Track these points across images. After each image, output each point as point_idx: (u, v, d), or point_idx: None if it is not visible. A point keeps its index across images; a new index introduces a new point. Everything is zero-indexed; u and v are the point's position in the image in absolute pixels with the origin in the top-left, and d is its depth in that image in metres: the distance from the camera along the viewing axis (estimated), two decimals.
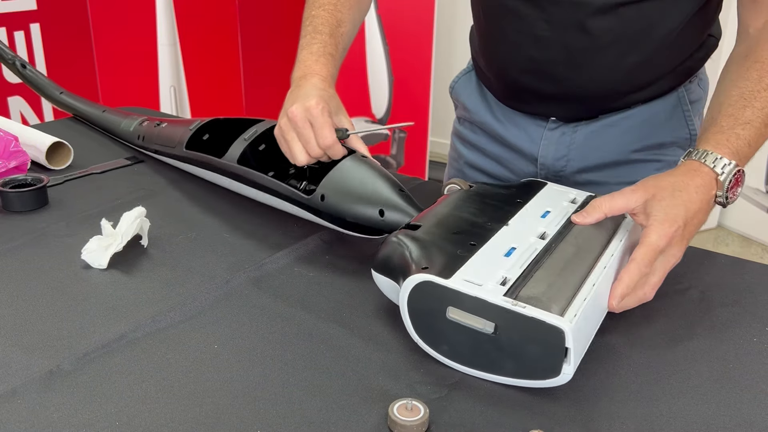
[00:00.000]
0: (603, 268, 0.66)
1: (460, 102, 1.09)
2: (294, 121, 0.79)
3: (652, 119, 0.94)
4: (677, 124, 0.95)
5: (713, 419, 0.57)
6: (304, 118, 0.79)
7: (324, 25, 0.90)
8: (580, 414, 0.57)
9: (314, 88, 0.81)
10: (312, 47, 0.88)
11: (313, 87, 0.82)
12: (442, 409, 0.57)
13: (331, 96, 0.83)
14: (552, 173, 0.99)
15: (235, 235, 0.87)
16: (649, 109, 0.94)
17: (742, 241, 2.81)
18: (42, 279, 0.76)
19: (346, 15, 0.92)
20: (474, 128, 1.07)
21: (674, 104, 0.94)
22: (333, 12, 0.91)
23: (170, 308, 0.71)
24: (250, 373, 0.61)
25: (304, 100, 0.79)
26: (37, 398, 0.58)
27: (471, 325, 0.59)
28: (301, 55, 0.88)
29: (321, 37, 0.88)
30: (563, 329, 0.55)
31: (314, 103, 0.79)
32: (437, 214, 0.73)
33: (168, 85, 2.65)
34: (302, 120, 0.79)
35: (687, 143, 0.97)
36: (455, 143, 1.13)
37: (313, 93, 0.80)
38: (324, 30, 0.89)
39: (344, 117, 0.83)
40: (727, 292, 0.76)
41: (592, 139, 0.96)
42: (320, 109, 0.79)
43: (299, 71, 0.86)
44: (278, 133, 0.83)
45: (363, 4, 0.98)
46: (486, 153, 1.06)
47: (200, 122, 1.02)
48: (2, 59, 1.36)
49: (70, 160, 1.10)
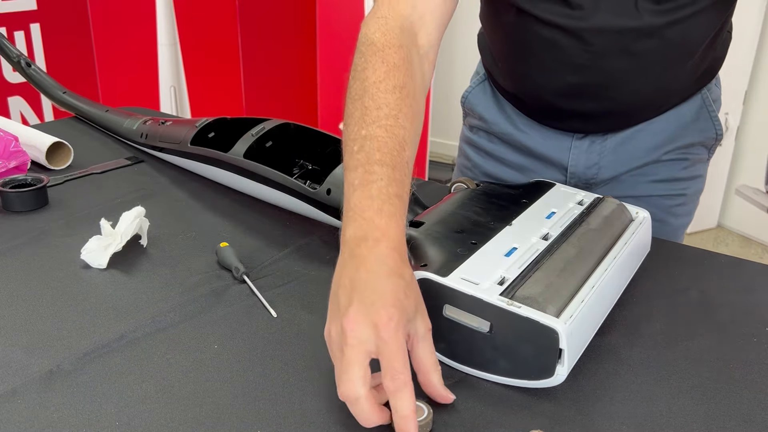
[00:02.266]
0: (604, 271, 0.66)
1: (476, 113, 1.05)
2: (347, 339, 0.51)
3: (680, 121, 0.94)
4: (704, 125, 0.95)
5: (713, 419, 0.57)
6: (363, 339, 0.51)
7: (383, 151, 0.61)
8: (579, 414, 0.57)
9: (383, 273, 0.53)
10: (370, 186, 0.58)
11: (382, 267, 0.54)
12: (442, 409, 0.57)
13: (408, 284, 0.55)
14: (582, 181, 0.98)
15: (235, 235, 0.87)
16: (677, 112, 0.93)
17: (742, 241, 2.81)
18: (42, 279, 0.76)
19: (409, 132, 0.64)
20: (491, 138, 1.04)
21: (699, 105, 0.94)
22: (392, 130, 0.63)
23: (170, 308, 0.71)
24: (250, 373, 0.61)
25: (371, 306, 0.52)
26: (37, 398, 0.58)
27: (467, 324, 0.59)
28: (354, 200, 0.58)
29: (382, 170, 0.59)
30: (557, 330, 0.55)
31: (385, 319, 0.51)
32: (441, 212, 0.73)
33: (168, 85, 2.65)
34: (357, 342, 0.51)
35: (713, 141, 0.98)
36: (467, 151, 1.08)
37: (386, 289, 0.53)
38: (385, 161, 0.60)
39: (421, 316, 0.55)
40: (727, 292, 0.76)
41: (622, 145, 0.94)
42: (393, 329, 0.51)
43: (353, 227, 0.57)
44: (329, 341, 0.55)
45: (422, 112, 0.70)
46: (506, 162, 1.03)
47: (206, 120, 1.02)
48: (7, 57, 1.36)
49: (70, 160, 1.10)
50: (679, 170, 0.97)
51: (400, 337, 0.51)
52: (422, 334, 0.54)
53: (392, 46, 0.69)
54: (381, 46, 0.69)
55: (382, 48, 0.69)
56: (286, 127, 0.96)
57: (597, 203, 0.78)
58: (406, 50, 0.70)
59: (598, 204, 0.78)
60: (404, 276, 0.55)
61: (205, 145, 0.99)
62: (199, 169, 1.01)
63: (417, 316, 0.55)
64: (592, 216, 0.75)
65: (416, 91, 0.69)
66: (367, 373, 0.51)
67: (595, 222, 0.73)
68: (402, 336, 0.52)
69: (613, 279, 0.68)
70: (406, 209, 0.60)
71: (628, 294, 0.74)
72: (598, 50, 0.84)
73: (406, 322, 0.53)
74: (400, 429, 0.50)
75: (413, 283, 0.56)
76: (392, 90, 0.65)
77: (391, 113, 0.64)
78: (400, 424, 0.50)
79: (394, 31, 0.71)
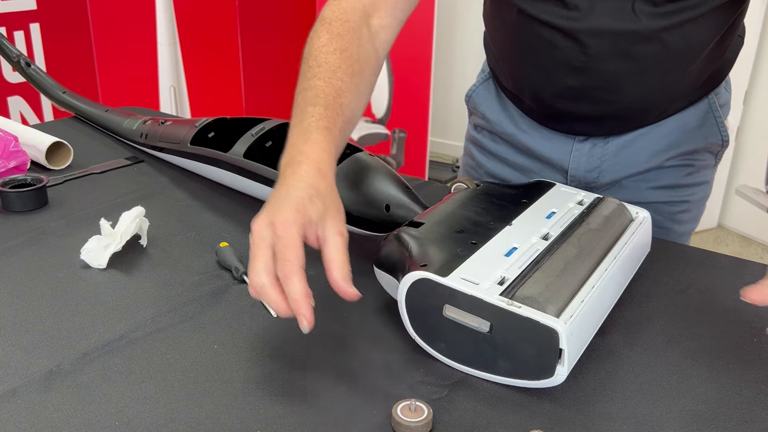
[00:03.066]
0: (604, 271, 0.66)
1: (479, 111, 1.05)
2: (253, 238, 0.60)
3: (684, 126, 0.93)
4: (709, 131, 0.94)
5: (713, 419, 0.57)
6: (264, 236, 0.59)
7: (318, 96, 0.71)
8: (579, 414, 0.57)
9: (299, 185, 0.62)
10: (303, 123, 0.69)
11: (299, 182, 0.62)
12: (442, 409, 0.57)
13: (319, 193, 0.62)
14: (583, 185, 0.97)
15: (235, 235, 0.87)
16: (681, 117, 0.92)
17: (742, 241, 2.81)
18: (42, 279, 0.76)
19: (347, 83, 0.74)
20: (495, 137, 1.04)
21: (705, 110, 0.93)
22: (329, 81, 0.73)
23: (170, 308, 0.71)
24: (250, 373, 0.61)
25: (276, 210, 0.60)
26: (37, 398, 0.58)
27: (467, 324, 0.59)
28: (290, 136, 0.70)
29: (314, 109, 0.70)
30: (557, 330, 0.55)
31: (281, 218, 0.59)
32: (441, 213, 0.73)
33: (168, 85, 2.65)
34: (260, 239, 0.59)
35: (718, 148, 0.96)
36: (472, 151, 1.09)
37: (292, 196, 0.61)
38: (318, 102, 0.71)
39: (331, 221, 0.61)
40: (727, 292, 0.76)
41: (624, 149, 0.94)
42: (287, 226, 0.58)
43: (286, 156, 0.67)
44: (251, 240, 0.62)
45: (368, 75, 0.79)
46: (509, 163, 1.03)
47: (206, 120, 1.02)
48: (7, 57, 1.36)
49: (69, 160, 1.10)
50: (682, 176, 0.96)
51: (293, 233, 0.58)
52: (330, 236, 0.60)
53: (338, 20, 0.78)
54: (329, 20, 0.78)
55: (330, 21, 0.78)
56: (286, 127, 0.96)
57: (597, 203, 0.78)
58: (354, 24, 0.79)
59: (599, 204, 0.78)
60: (318, 187, 0.62)
61: (204, 145, 0.99)
62: (199, 169, 1.01)
63: (326, 220, 0.60)
64: (593, 216, 0.75)
65: (361, 57, 0.77)
66: (270, 265, 0.58)
67: (595, 222, 0.73)
68: (296, 232, 0.58)
69: (613, 279, 0.68)
70: (335, 139, 0.69)
71: (628, 294, 0.74)
72: (594, 52, 0.83)
73: (304, 222, 0.59)
74: (294, 310, 0.56)
75: (329, 193, 0.63)
76: (333, 52, 0.75)
77: (330, 69, 0.74)
78: (293, 306, 0.56)
79: (344, 10, 0.79)
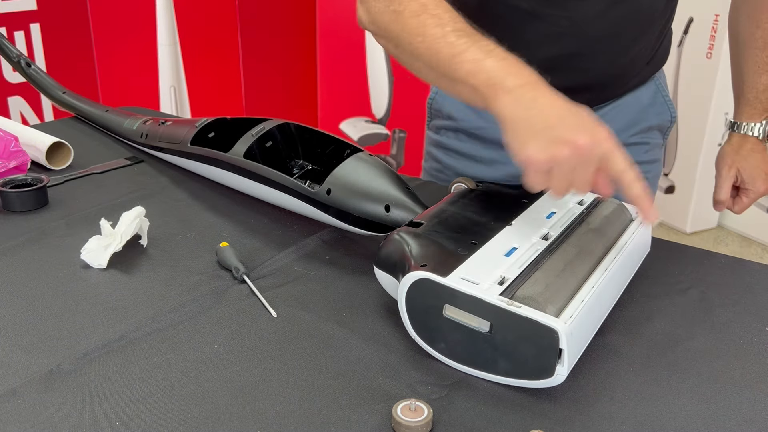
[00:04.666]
0: (604, 271, 0.66)
1: (443, 112, 1.07)
2: (584, 155, 0.61)
3: (639, 103, 1.01)
4: (660, 109, 1.04)
5: (713, 419, 0.57)
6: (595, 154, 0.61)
7: (462, 23, 0.71)
8: (579, 414, 0.57)
9: (570, 104, 0.64)
10: (482, 45, 0.68)
11: (566, 101, 0.64)
12: (442, 409, 0.57)
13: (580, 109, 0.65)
14: None
15: (235, 235, 0.87)
16: (634, 97, 1.01)
17: (742, 241, 2.80)
18: (42, 279, 0.76)
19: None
20: (459, 135, 1.05)
21: (654, 90, 1.03)
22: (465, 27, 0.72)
23: (170, 308, 0.71)
24: (250, 373, 0.61)
25: (584, 125, 0.62)
26: (37, 398, 0.58)
27: (467, 324, 0.59)
28: (486, 61, 0.67)
29: (476, 37, 0.70)
30: (557, 330, 0.55)
31: (604, 132, 0.62)
32: (441, 213, 0.73)
33: (168, 85, 2.65)
34: (593, 156, 0.61)
35: (668, 124, 1.06)
36: (437, 155, 1.10)
37: (581, 112, 0.63)
38: (467, 30, 0.71)
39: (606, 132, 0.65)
40: (727, 292, 0.76)
41: None
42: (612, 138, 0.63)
43: (515, 77, 0.66)
44: (552, 165, 0.63)
45: None
46: (477, 159, 1.04)
47: (206, 120, 1.02)
48: (7, 57, 1.36)
49: (70, 160, 1.10)
50: (641, 154, 1.02)
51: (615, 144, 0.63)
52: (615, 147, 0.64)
53: None
54: None
55: None
56: (286, 127, 0.96)
57: (597, 203, 0.78)
58: None
59: (598, 204, 0.78)
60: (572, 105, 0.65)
61: (205, 145, 0.99)
62: (199, 169, 1.01)
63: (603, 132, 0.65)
64: (592, 216, 0.75)
65: None
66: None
67: (595, 222, 0.73)
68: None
69: (613, 279, 0.68)
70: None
71: (628, 294, 0.74)
72: (578, 15, 0.88)
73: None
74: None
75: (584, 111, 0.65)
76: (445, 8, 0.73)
77: (456, 16, 0.72)
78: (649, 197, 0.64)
79: None
